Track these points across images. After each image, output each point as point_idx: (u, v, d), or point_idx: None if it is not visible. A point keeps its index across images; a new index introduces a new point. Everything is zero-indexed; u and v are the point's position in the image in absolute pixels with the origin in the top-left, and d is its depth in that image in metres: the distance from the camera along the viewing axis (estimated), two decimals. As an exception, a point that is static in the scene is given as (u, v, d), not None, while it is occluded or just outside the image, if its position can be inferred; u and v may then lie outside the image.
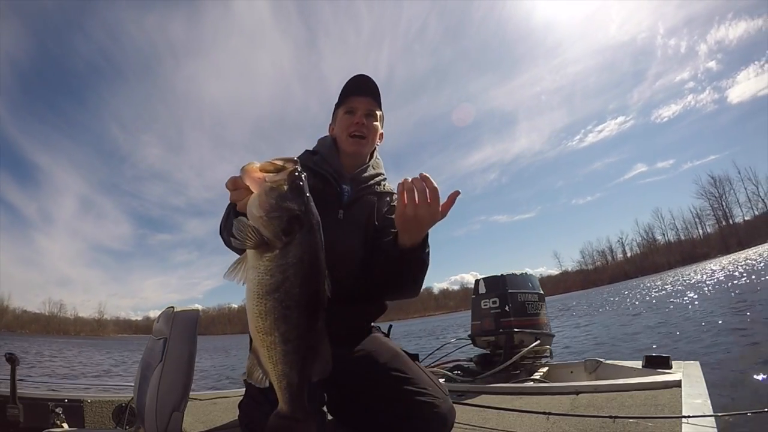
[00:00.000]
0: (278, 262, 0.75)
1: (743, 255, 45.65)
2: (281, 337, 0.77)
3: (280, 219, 0.74)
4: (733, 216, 74.12)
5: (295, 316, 0.77)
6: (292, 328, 0.77)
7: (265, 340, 0.78)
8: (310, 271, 0.78)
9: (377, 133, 1.42)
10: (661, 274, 58.40)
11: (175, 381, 1.56)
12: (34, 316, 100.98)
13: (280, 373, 0.79)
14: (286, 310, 0.76)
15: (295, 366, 0.79)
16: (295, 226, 0.75)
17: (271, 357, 0.78)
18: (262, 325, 0.77)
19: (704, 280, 22.79)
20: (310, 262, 0.78)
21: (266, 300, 0.76)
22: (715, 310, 10.04)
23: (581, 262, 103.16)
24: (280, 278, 0.75)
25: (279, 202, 0.75)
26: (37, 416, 2.32)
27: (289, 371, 0.79)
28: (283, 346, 0.78)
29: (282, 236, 0.75)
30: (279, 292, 0.75)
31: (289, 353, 0.78)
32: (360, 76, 1.36)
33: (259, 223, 0.74)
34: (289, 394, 0.81)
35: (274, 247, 0.75)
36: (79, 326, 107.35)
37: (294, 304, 0.77)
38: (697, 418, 1.57)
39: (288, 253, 0.75)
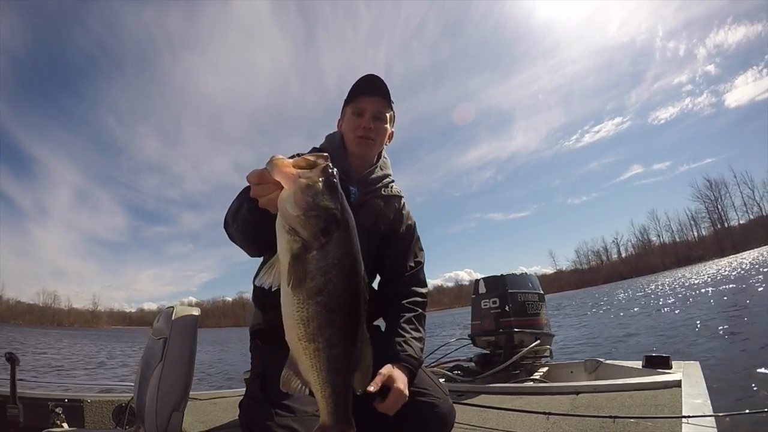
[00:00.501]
0: (319, 264, 0.71)
1: (738, 258, 45.75)
2: (326, 343, 0.72)
3: (318, 218, 0.70)
4: (729, 219, 74.63)
5: (340, 319, 0.73)
6: (336, 331, 0.73)
7: (308, 347, 0.73)
8: (351, 272, 0.75)
9: (385, 135, 1.40)
10: (656, 275, 58.49)
11: (175, 381, 1.57)
12: (28, 306, 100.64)
13: (324, 381, 0.74)
14: (330, 314, 0.72)
15: (341, 372, 0.75)
16: (332, 225, 0.71)
17: (315, 365, 0.73)
18: (305, 331, 0.72)
19: (701, 281, 22.81)
20: (351, 263, 0.74)
21: (308, 305, 0.71)
22: (714, 311, 10.06)
23: (576, 262, 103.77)
24: (322, 281, 0.71)
25: (316, 200, 0.70)
26: (37, 416, 2.32)
27: (333, 378, 0.74)
28: (328, 351, 0.73)
29: (320, 236, 0.70)
30: (322, 295, 0.71)
31: (334, 359, 0.74)
32: (370, 76, 1.33)
33: (295, 222, 0.70)
34: (334, 403, 0.76)
35: (310, 248, 0.71)
36: (73, 317, 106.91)
37: (338, 307, 0.72)
38: (697, 418, 1.58)
39: (328, 254, 0.71)
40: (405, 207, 1.44)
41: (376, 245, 1.37)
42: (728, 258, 52.78)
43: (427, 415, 1.16)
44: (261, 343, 1.32)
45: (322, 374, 0.74)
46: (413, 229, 1.46)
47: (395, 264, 1.39)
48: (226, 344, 23.90)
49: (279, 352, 1.23)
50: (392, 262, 1.40)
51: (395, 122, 1.46)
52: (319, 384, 0.75)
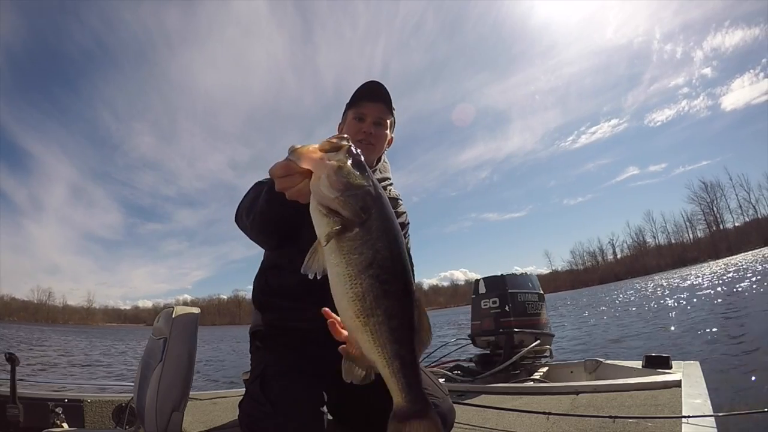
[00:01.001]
0: (364, 239, 0.71)
1: (734, 260, 45.82)
2: (386, 314, 0.72)
3: (356, 197, 0.70)
4: (724, 221, 75.23)
5: (395, 289, 0.73)
6: (394, 301, 0.72)
7: (368, 322, 0.72)
8: (396, 241, 0.75)
9: (385, 141, 1.42)
10: (651, 276, 58.62)
11: (175, 381, 1.57)
12: (22, 303, 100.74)
13: (390, 355, 0.73)
14: (384, 284, 0.72)
15: (405, 342, 0.73)
16: (369, 201, 0.72)
17: (377, 339, 0.72)
18: (362, 306, 0.71)
19: (698, 282, 22.82)
20: (394, 233, 0.75)
21: (361, 279, 0.71)
22: (712, 311, 10.06)
23: (571, 263, 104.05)
24: (371, 253, 0.71)
25: (350, 180, 0.71)
26: (37, 416, 2.32)
27: (399, 349, 0.73)
28: (389, 323, 0.72)
29: (362, 213, 0.71)
30: (373, 267, 0.71)
31: (397, 329, 0.73)
32: (373, 82, 1.36)
33: (335, 204, 0.70)
34: (404, 378, 0.74)
35: (352, 226, 0.71)
36: (68, 314, 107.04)
37: (391, 277, 0.72)
38: (697, 418, 1.58)
39: (371, 228, 0.72)
40: (401, 207, 1.47)
41: None
42: (723, 260, 52.90)
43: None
44: (261, 344, 1.33)
45: (387, 348, 0.73)
46: (407, 230, 1.49)
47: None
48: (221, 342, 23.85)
49: (279, 352, 1.24)
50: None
51: (395, 128, 1.48)
52: (385, 359, 0.73)
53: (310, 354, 1.25)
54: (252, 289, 1.40)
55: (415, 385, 0.74)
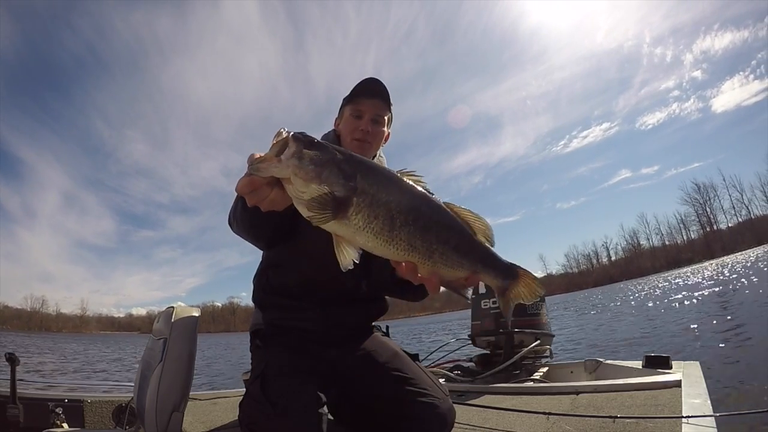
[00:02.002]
0: (368, 201, 0.70)
1: (729, 259, 45.87)
2: (441, 242, 0.75)
3: (331, 172, 0.69)
4: (718, 222, 75.73)
5: (427, 218, 0.74)
6: (439, 229, 0.75)
7: (435, 259, 0.75)
8: (395, 182, 0.75)
9: (382, 138, 1.42)
10: (647, 278, 58.72)
11: (175, 381, 1.56)
12: (15, 311, 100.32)
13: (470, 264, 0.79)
14: (415, 223, 0.72)
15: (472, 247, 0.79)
16: (345, 167, 0.70)
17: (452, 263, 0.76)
18: (419, 254, 0.74)
19: (695, 283, 22.80)
20: (387, 177, 0.74)
21: (396, 234, 0.71)
22: (711, 311, 10.05)
23: (566, 266, 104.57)
24: (385, 210, 0.71)
25: (316, 162, 0.69)
26: (37, 416, 2.32)
27: (472, 256, 0.79)
28: (449, 244, 0.75)
29: (350, 183, 0.69)
30: (396, 218, 0.71)
31: (459, 244, 0.77)
32: (371, 79, 1.36)
33: (321, 191, 0.69)
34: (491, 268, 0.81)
35: (348, 202, 0.69)
36: (61, 323, 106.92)
37: (417, 213, 0.73)
38: (697, 418, 1.57)
39: (365, 189, 0.70)
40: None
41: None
42: (718, 260, 52.99)
43: (427, 415, 1.16)
44: (261, 343, 1.32)
45: (464, 263, 0.77)
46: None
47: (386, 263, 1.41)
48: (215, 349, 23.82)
49: (279, 351, 1.24)
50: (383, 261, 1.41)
51: (392, 124, 1.48)
52: (467, 269, 0.78)
53: (310, 353, 1.25)
54: (252, 288, 1.40)
55: (500, 264, 0.82)
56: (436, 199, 0.79)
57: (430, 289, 0.82)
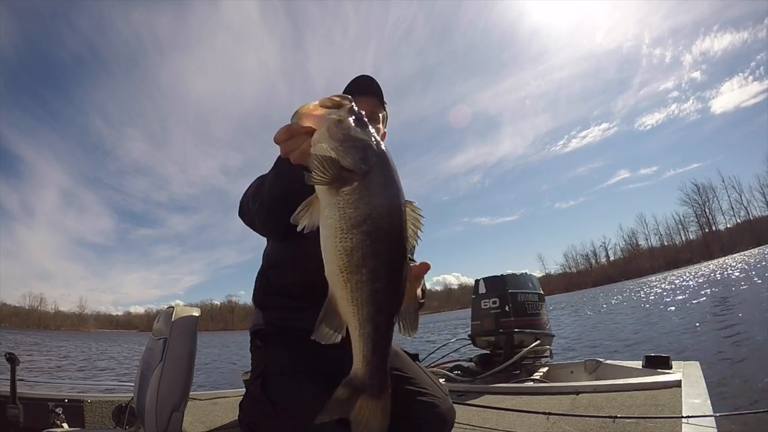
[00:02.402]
0: (362, 194, 0.68)
1: (728, 260, 45.87)
2: (370, 275, 0.68)
3: (356, 148, 0.68)
4: (716, 223, 75.65)
5: (385, 250, 0.69)
6: (382, 263, 0.69)
7: (350, 279, 0.69)
8: (394, 200, 0.71)
9: (378, 135, 1.42)
10: (645, 278, 58.76)
11: (175, 381, 1.57)
12: (14, 309, 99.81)
13: (364, 317, 0.69)
14: (375, 243, 0.68)
15: (383, 309, 0.70)
16: (371, 154, 0.69)
17: (356, 299, 0.69)
18: (348, 262, 0.68)
19: (694, 283, 22.81)
20: (395, 191, 0.71)
21: (351, 234, 0.68)
22: (710, 312, 10.07)
23: (565, 266, 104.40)
24: (367, 210, 0.68)
25: (351, 133, 0.69)
26: (37, 416, 2.32)
27: (375, 314, 0.69)
28: (372, 284, 0.68)
29: (362, 165, 0.68)
30: (366, 224, 0.67)
31: (378, 292, 0.69)
32: (364, 77, 1.34)
33: (334, 154, 0.67)
34: (372, 344, 0.70)
35: (351, 180, 0.68)
36: (60, 320, 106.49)
37: (383, 237, 0.69)
38: (697, 418, 1.58)
39: (371, 183, 0.68)
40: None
41: None
42: (716, 261, 53.05)
43: (427, 415, 1.16)
44: (261, 343, 1.32)
45: (363, 309, 0.69)
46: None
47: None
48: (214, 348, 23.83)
49: (279, 351, 1.24)
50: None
51: (387, 123, 1.47)
52: (358, 321, 0.70)
53: (310, 353, 1.25)
54: (253, 288, 1.40)
55: (379, 356, 0.71)
56: (404, 242, 0.73)
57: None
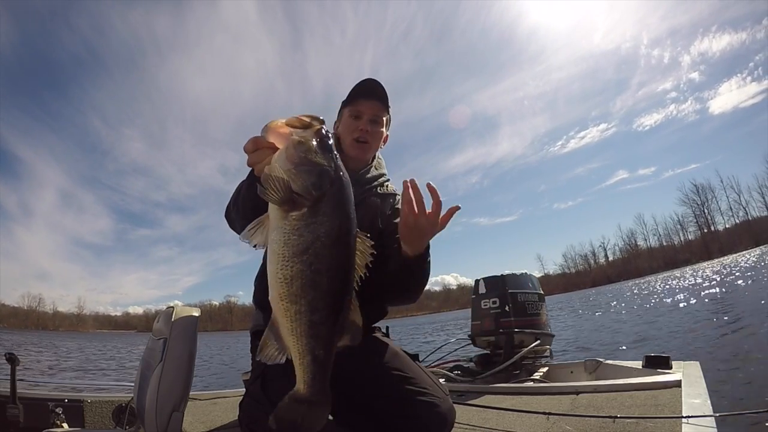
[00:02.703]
0: (307, 221, 0.67)
1: (727, 260, 45.87)
2: (308, 306, 0.68)
3: (310, 172, 0.67)
4: (715, 223, 75.67)
5: (325, 281, 0.68)
6: (321, 295, 0.68)
7: (289, 309, 0.68)
8: (342, 231, 0.70)
9: (381, 138, 1.42)
10: (644, 278, 58.75)
11: (175, 381, 1.56)
12: (12, 309, 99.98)
13: (303, 348, 0.70)
14: (315, 274, 0.68)
15: (322, 339, 0.70)
16: (325, 180, 0.68)
17: (295, 329, 0.69)
18: (287, 291, 0.68)
19: (694, 283, 22.81)
20: (342, 221, 0.70)
21: (292, 263, 0.67)
22: (710, 311, 10.07)
23: (563, 266, 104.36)
24: (310, 238, 0.67)
25: (308, 156, 0.68)
26: (37, 416, 2.32)
27: (314, 345, 0.70)
28: (310, 315, 0.68)
29: (312, 191, 0.67)
30: (307, 253, 0.67)
31: (316, 324, 0.69)
32: (369, 80, 1.36)
33: (286, 176, 0.67)
34: (311, 373, 0.71)
35: (301, 205, 0.67)
36: (59, 321, 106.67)
37: (324, 268, 0.68)
38: (697, 418, 1.57)
39: (318, 211, 0.68)
40: (398, 203, 1.47)
41: (375, 240, 1.38)
42: (715, 261, 53.07)
43: (427, 415, 1.16)
44: (262, 343, 1.32)
45: (302, 340, 0.69)
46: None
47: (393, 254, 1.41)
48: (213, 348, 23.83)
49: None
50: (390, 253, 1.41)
51: (390, 126, 1.48)
52: (297, 350, 0.70)
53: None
54: (253, 289, 1.40)
55: (319, 381, 0.72)
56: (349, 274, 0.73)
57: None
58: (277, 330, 0.72)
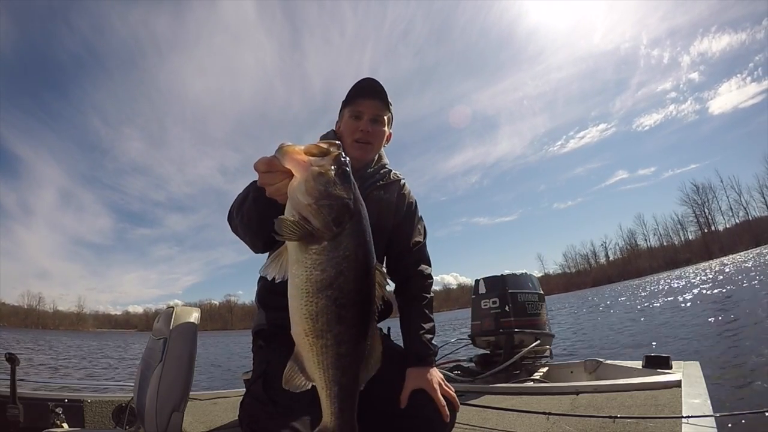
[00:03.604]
0: (330, 255, 0.67)
1: (726, 261, 45.76)
2: (335, 339, 0.69)
3: (331, 207, 0.67)
4: (716, 223, 75.58)
5: (351, 315, 0.69)
6: (347, 328, 0.69)
7: (316, 343, 0.69)
8: (364, 265, 0.71)
9: (383, 138, 1.41)
10: (644, 278, 58.65)
11: (175, 381, 1.57)
12: (12, 308, 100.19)
13: (330, 380, 0.70)
14: (341, 309, 0.68)
15: (349, 371, 0.71)
16: (345, 215, 0.68)
17: (321, 362, 0.69)
18: (312, 327, 0.68)
19: (694, 283, 22.77)
20: (363, 255, 0.70)
21: (317, 299, 0.67)
22: (710, 311, 10.05)
23: (564, 266, 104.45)
24: (333, 273, 0.67)
25: (329, 189, 0.67)
26: (37, 416, 2.32)
27: (341, 377, 0.70)
28: (337, 348, 0.69)
29: (333, 226, 0.67)
30: (332, 288, 0.67)
31: (343, 357, 0.70)
32: (368, 79, 1.35)
33: (306, 211, 0.67)
34: (339, 404, 0.71)
35: (321, 238, 0.67)
36: (59, 320, 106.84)
37: (350, 302, 0.69)
38: (697, 418, 1.57)
39: (340, 245, 0.68)
40: (405, 188, 1.49)
41: (384, 238, 1.40)
42: (716, 261, 53.03)
43: (428, 414, 1.16)
44: (264, 343, 1.32)
45: (329, 372, 0.70)
46: (415, 207, 1.50)
47: (402, 241, 1.44)
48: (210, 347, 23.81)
49: (282, 352, 1.24)
50: (399, 240, 1.43)
51: (393, 124, 1.48)
52: (324, 382, 0.71)
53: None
54: (256, 289, 1.40)
55: (348, 413, 0.73)
56: (371, 306, 0.74)
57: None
58: (301, 363, 0.72)
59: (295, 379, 0.72)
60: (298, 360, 0.73)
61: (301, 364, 0.72)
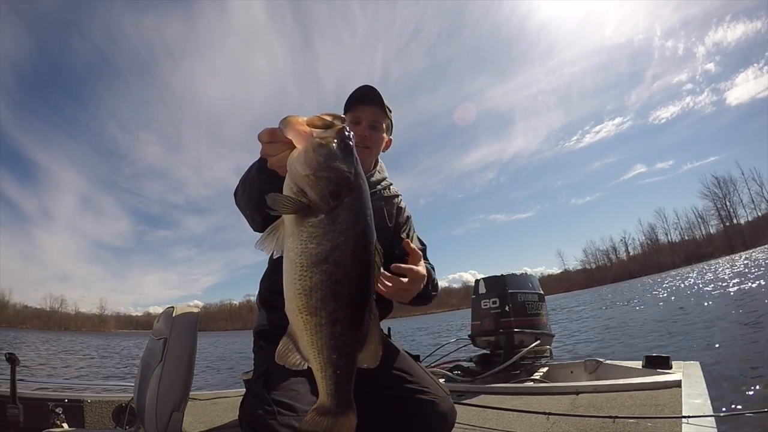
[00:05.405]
0: (326, 228, 0.65)
1: (748, 255, 45.30)
2: (329, 318, 0.66)
3: (329, 180, 0.65)
4: (738, 216, 74.28)
5: (347, 292, 0.66)
6: (343, 306, 0.66)
7: (309, 321, 0.66)
8: (362, 241, 0.67)
9: (381, 143, 1.43)
10: (665, 273, 58.10)
11: (175, 381, 1.57)
12: (35, 311, 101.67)
13: (325, 360, 0.68)
14: (336, 285, 0.65)
15: (345, 351, 0.68)
16: (344, 188, 0.66)
17: (315, 341, 0.67)
18: (306, 303, 0.65)
19: (708, 279, 22.62)
20: (362, 230, 0.68)
21: (312, 273, 0.64)
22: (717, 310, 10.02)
23: (584, 261, 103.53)
24: (329, 247, 0.64)
25: (328, 161, 0.65)
26: (37, 416, 2.32)
27: (336, 358, 0.68)
28: (331, 327, 0.66)
29: (330, 199, 0.65)
30: (327, 263, 0.64)
31: (338, 336, 0.67)
32: (366, 86, 1.36)
33: (304, 182, 0.65)
34: (334, 385, 0.69)
35: (318, 211, 0.65)
36: (80, 321, 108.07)
37: (345, 278, 0.66)
38: (697, 418, 1.58)
39: (337, 218, 0.65)
40: (402, 203, 1.50)
41: (384, 246, 1.39)
42: (737, 254, 52.41)
43: (428, 414, 1.17)
44: (265, 343, 1.32)
45: (324, 352, 0.67)
46: (410, 221, 1.52)
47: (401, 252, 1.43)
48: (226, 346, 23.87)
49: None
50: (399, 251, 1.42)
51: (393, 130, 1.49)
52: (319, 363, 0.68)
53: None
54: (258, 289, 1.40)
55: (343, 393, 0.70)
56: (369, 284, 0.71)
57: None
58: (295, 341, 0.70)
59: (288, 356, 0.70)
60: (292, 337, 0.70)
61: (295, 342, 0.70)
